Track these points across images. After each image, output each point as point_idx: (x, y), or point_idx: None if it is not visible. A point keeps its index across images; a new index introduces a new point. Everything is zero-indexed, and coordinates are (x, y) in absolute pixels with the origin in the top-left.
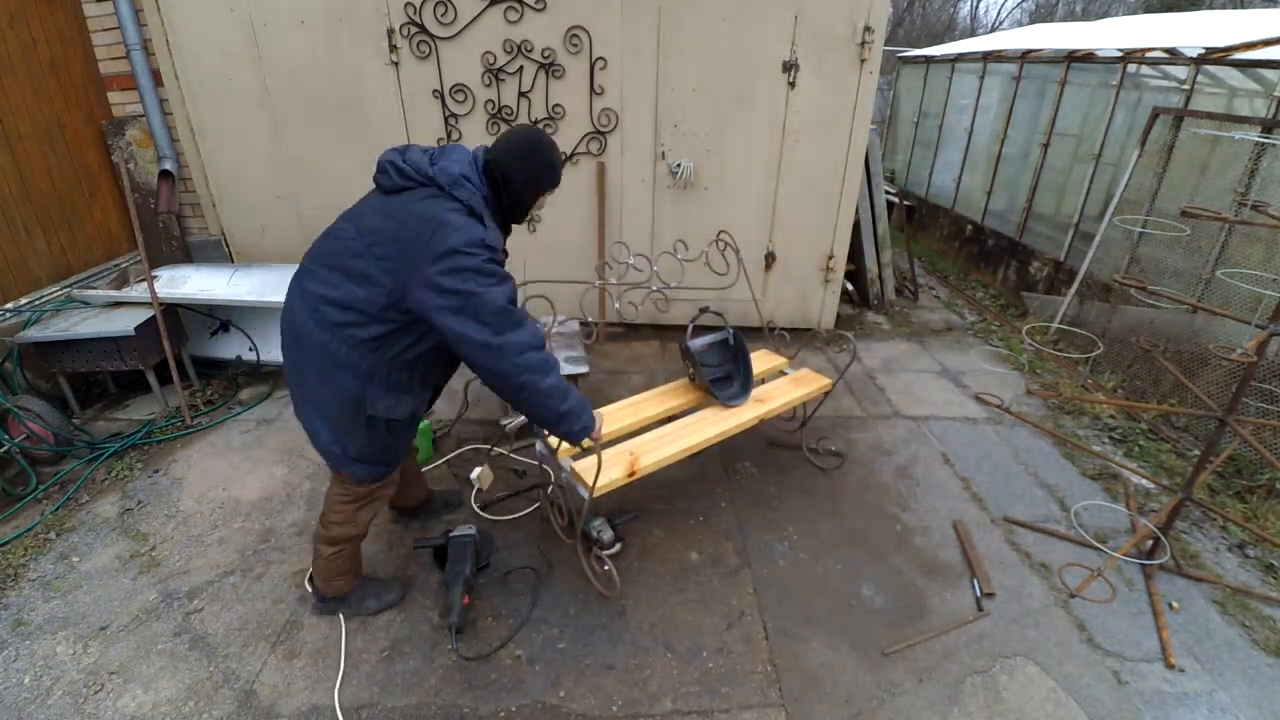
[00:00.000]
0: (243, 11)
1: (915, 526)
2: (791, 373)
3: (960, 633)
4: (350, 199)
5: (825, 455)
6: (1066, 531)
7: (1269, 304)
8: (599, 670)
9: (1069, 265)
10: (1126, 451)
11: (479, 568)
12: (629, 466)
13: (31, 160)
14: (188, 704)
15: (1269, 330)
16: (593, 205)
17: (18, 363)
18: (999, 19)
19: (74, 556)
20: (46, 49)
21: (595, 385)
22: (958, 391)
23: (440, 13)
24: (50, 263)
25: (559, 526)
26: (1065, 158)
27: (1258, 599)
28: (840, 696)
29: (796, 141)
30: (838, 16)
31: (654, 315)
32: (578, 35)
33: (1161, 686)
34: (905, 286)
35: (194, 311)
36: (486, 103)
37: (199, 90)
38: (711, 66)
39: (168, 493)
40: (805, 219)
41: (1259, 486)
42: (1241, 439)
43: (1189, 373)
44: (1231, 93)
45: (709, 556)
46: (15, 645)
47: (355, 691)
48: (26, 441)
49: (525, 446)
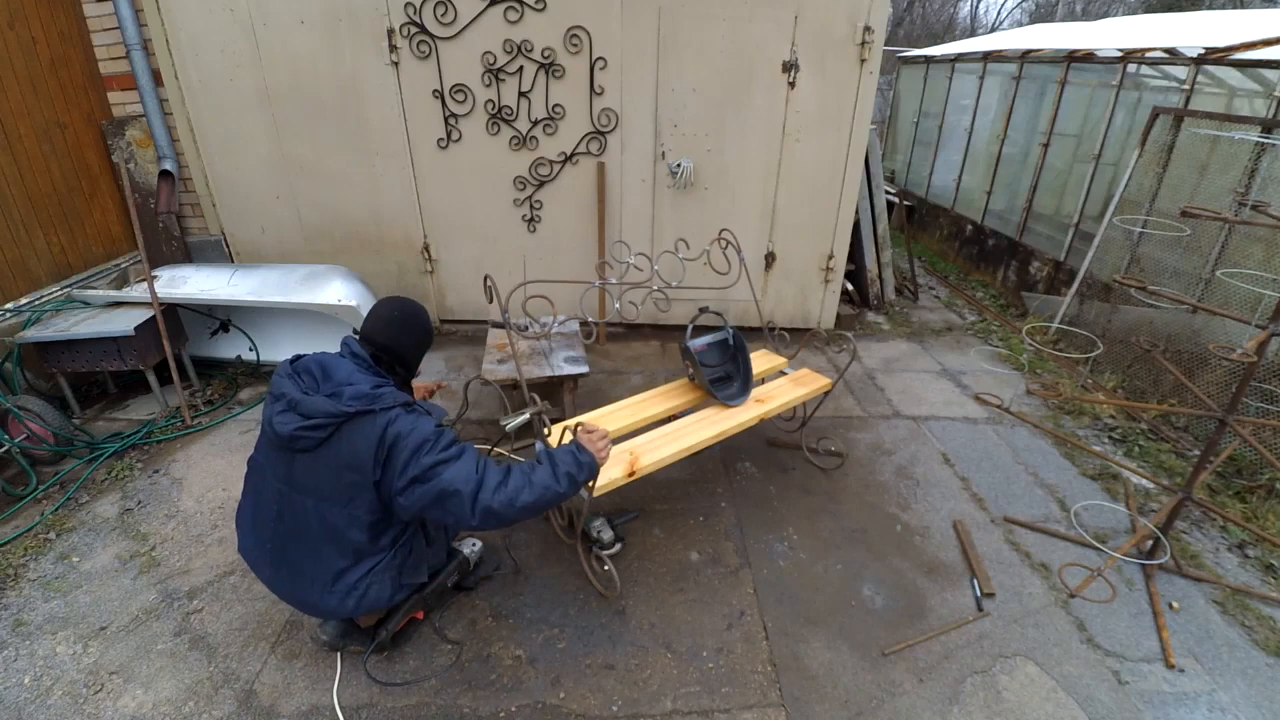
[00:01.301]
0: (243, 11)
1: (915, 526)
2: (791, 373)
3: (960, 633)
4: (350, 199)
5: (825, 455)
6: (1066, 531)
7: (1269, 304)
8: (599, 670)
9: (1069, 265)
10: (1126, 451)
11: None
12: (629, 466)
13: (31, 160)
14: (188, 704)
15: (1269, 330)
16: (592, 205)
17: (18, 363)
18: (999, 19)
19: (74, 556)
20: (46, 49)
21: (595, 385)
22: (958, 391)
23: (440, 13)
24: (50, 263)
25: (559, 526)
26: (1065, 158)
27: (1258, 599)
28: (840, 696)
29: (796, 141)
30: (838, 16)
31: (654, 315)
32: (578, 35)
33: (1161, 686)
34: (905, 286)
35: (194, 311)
36: (486, 103)
37: (199, 90)
38: (711, 66)
39: (168, 493)
40: (805, 219)
41: (1259, 486)
42: (1241, 439)
43: (1189, 373)
44: (1231, 93)
45: (709, 556)
46: (15, 645)
47: (355, 692)
48: (26, 441)
49: (524, 446)
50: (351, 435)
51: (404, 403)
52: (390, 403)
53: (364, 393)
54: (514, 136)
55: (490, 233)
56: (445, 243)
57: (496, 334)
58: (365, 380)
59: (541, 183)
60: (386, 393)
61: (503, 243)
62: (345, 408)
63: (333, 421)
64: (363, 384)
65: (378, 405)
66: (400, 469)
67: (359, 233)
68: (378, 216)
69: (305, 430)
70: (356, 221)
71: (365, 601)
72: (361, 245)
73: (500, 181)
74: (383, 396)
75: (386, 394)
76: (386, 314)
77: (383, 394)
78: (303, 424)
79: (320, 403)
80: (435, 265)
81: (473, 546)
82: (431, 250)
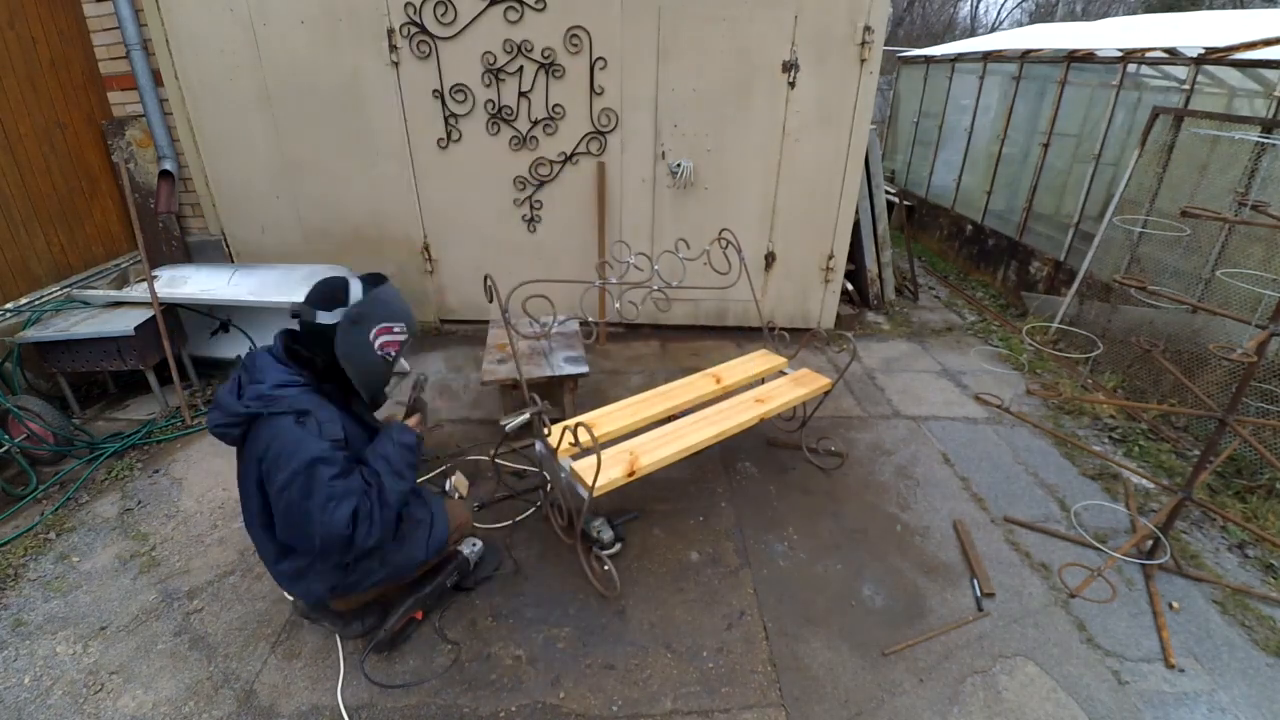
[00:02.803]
0: (242, 11)
1: (915, 526)
2: (791, 372)
3: (960, 633)
4: (350, 198)
5: (825, 455)
6: (1066, 531)
7: (1269, 304)
8: (599, 670)
9: (1069, 265)
10: (1126, 451)
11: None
12: (629, 466)
13: (31, 160)
14: (188, 704)
15: (1269, 330)
16: (592, 205)
17: (18, 363)
18: (999, 19)
19: (74, 556)
20: (46, 48)
21: (595, 385)
22: (958, 391)
23: (440, 12)
24: (50, 263)
25: (559, 526)
26: (1065, 158)
27: (1258, 599)
28: (840, 696)
29: (796, 141)
30: (838, 16)
31: (654, 315)
32: (578, 35)
33: (1161, 686)
34: (905, 286)
35: (194, 311)
36: (486, 103)
37: (199, 90)
38: (711, 66)
39: (168, 493)
40: (805, 219)
41: (1259, 486)
42: (1241, 439)
43: (1189, 373)
44: (1231, 93)
45: (709, 556)
46: (15, 645)
47: (355, 691)
48: (26, 441)
49: (525, 446)
50: (258, 435)
51: (298, 410)
52: (282, 408)
53: (261, 394)
54: (514, 136)
55: (490, 233)
56: (445, 242)
57: (496, 334)
58: (274, 374)
59: (541, 183)
60: (283, 394)
61: (503, 243)
62: (242, 408)
63: (238, 420)
64: (267, 381)
65: (267, 409)
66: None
67: (359, 232)
68: (378, 216)
69: (222, 427)
70: (356, 221)
71: (299, 589)
72: (361, 245)
73: (500, 181)
74: (277, 399)
75: (283, 397)
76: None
77: (278, 396)
78: (220, 420)
79: (228, 400)
80: (435, 265)
81: (473, 547)
82: (431, 250)
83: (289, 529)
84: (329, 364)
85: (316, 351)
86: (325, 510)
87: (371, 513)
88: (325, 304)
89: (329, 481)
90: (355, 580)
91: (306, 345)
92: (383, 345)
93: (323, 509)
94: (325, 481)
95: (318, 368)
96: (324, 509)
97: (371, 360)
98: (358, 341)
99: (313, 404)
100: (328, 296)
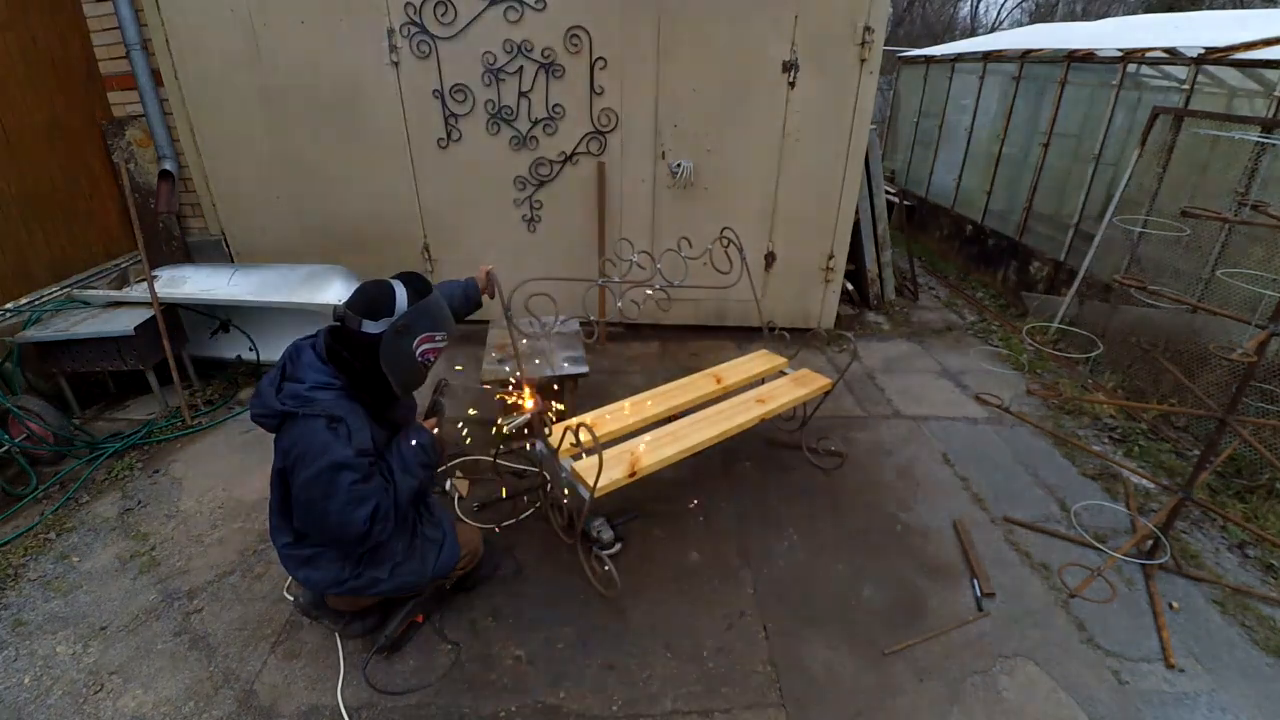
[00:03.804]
0: (243, 11)
1: (915, 526)
2: (791, 373)
3: (960, 633)
4: (350, 198)
5: (825, 455)
6: (1066, 531)
7: (1269, 304)
8: (599, 670)
9: (1069, 265)
10: (1126, 451)
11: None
12: (630, 466)
13: (31, 160)
14: (188, 704)
15: (1269, 330)
16: (592, 205)
17: (18, 363)
18: (999, 19)
19: (74, 556)
20: (46, 49)
21: (595, 385)
22: (958, 391)
23: (440, 12)
24: (50, 263)
25: (559, 526)
26: (1065, 158)
27: (1258, 599)
28: (840, 696)
29: (796, 141)
30: (838, 16)
31: (655, 315)
32: (578, 35)
33: (1161, 686)
34: (905, 286)
35: (194, 311)
36: (486, 102)
37: (199, 90)
38: (711, 66)
39: (168, 493)
40: (805, 219)
41: (1259, 486)
42: (1241, 439)
43: (1189, 373)
44: (1231, 93)
45: (709, 556)
46: (15, 645)
47: (355, 691)
48: (26, 441)
49: (523, 447)
50: (289, 430)
51: (331, 415)
52: (316, 410)
53: (298, 393)
54: (514, 136)
55: (490, 232)
56: (445, 242)
57: (496, 333)
58: (313, 375)
59: (541, 182)
60: (319, 398)
61: (503, 242)
62: (279, 405)
63: (275, 414)
64: (306, 381)
65: (301, 410)
66: (298, 484)
67: (359, 232)
68: (378, 216)
69: (259, 417)
70: (357, 221)
71: (304, 574)
72: (362, 245)
73: (500, 181)
74: (312, 401)
75: (319, 399)
76: (358, 295)
77: (314, 399)
78: (259, 410)
79: (268, 392)
80: (435, 265)
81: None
82: (431, 250)
83: (306, 521)
84: (368, 368)
85: (358, 356)
86: (344, 512)
87: (388, 511)
88: (371, 313)
89: (350, 486)
90: (360, 586)
91: (348, 348)
92: (424, 353)
93: (341, 510)
94: (347, 486)
95: (355, 371)
96: (342, 510)
97: (413, 367)
98: (402, 351)
99: (346, 410)
100: (374, 306)
